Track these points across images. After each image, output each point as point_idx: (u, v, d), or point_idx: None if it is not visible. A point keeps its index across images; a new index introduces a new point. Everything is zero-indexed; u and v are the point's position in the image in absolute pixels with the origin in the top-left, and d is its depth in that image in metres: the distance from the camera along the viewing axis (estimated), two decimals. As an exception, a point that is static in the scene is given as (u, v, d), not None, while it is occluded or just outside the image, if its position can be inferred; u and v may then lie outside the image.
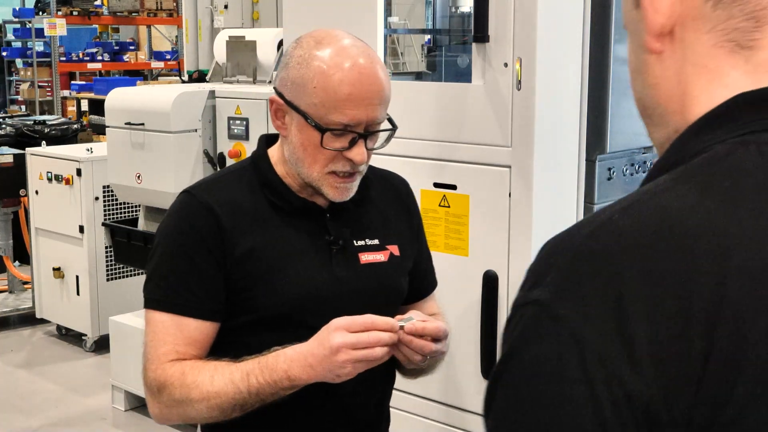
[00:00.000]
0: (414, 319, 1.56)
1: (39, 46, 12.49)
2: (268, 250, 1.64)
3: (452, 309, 2.51)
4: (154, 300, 1.64)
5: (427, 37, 3.64)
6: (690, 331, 0.67)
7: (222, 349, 1.64)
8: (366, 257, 1.71)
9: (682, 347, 0.67)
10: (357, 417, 1.73)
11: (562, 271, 0.72)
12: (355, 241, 1.71)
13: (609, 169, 2.59)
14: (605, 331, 0.68)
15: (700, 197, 0.72)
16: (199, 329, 1.62)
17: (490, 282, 2.43)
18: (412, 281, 1.82)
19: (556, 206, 2.43)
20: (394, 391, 2.62)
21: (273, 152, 1.72)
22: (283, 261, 1.65)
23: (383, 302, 1.72)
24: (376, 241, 1.73)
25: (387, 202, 1.80)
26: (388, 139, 1.69)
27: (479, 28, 2.35)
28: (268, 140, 1.75)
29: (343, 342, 1.48)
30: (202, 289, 1.61)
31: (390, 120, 1.66)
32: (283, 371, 1.52)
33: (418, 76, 3.23)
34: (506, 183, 2.38)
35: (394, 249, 1.75)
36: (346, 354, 1.48)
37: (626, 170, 2.65)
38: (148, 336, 1.64)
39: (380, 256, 1.73)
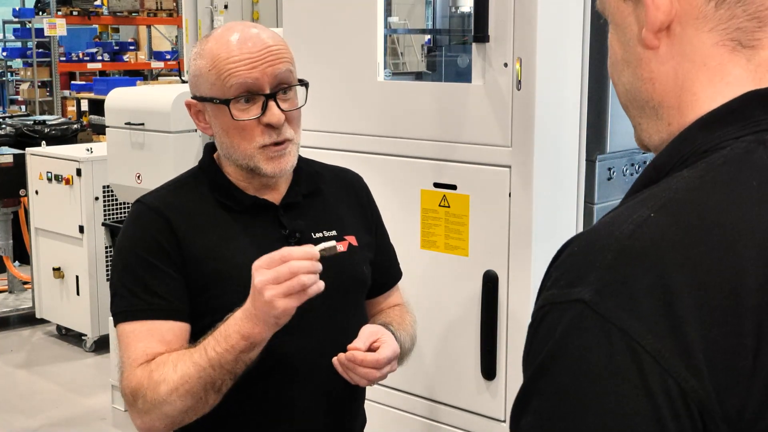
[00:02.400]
0: (334, 242, 1.54)
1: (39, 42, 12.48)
2: (224, 249, 1.65)
3: (452, 309, 2.51)
4: (122, 312, 1.63)
5: (427, 37, 3.63)
6: (740, 328, 0.68)
7: None
8: None
9: (733, 344, 0.68)
10: (329, 421, 1.73)
11: (606, 270, 0.71)
12: (312, 234, 1.72)
13: (609, 169, 2.59)
14: (657, 329, 0.68)
15: (733, 197, 0.73)
16: (171, 330, 1.61)
17: (490, 282, 2.43)
18: (375, 275, 1.83)
19: (556, 206, 2.43)
20: (393, 392, 2.62)
21: (219, 157, 1.75)
22: (240, 258, 1.64)
23: (345, 291, 1.73)
24: (333, 233, 1.75)
25: (339, 196, 1.82)
26: (305, 98, 1.71)
27: (479, 28, 2.35)
28: (213, 147, 1.77)
29: (264, 279, 1.46)
30: (168, 291, 1.61)
31: (300, 80, 1.69)
32: (236, 332, 1.50)
33: (418, 76, 3.23)
34: (506, 183, 2.37)
35: (352, 239, 1.77)
36: (271, 290, 1.46)
37: (626, 170, 2.64)
38: (120, 350, 1.63)
39: (339, 247, 1.72)
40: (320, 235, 1.73)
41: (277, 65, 1.62)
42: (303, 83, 1.70)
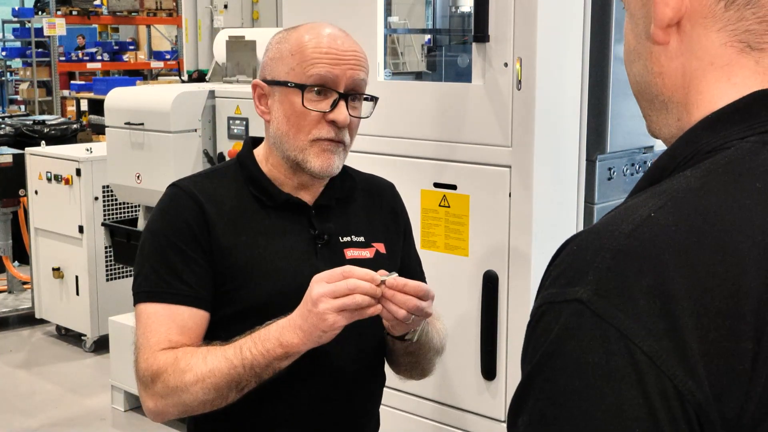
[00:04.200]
0: (396, 274, 1.54)
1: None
2: (252, 243, 1.66)
3: (452, 309, 2.51)
4: (145, 293, 1.64)
5: (427, 37, 3.64)
6: (739, 331, 0.68)
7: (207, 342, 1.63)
8: (352, 253, 1.72)
9: (732, 347, 0.67)
10: (341, 419, 1.72)
11: (604, 270, 0.70)
12: (340, 238, 1.72)
13: (609, 169, 2.59)
14: (655, 330, 0.68)
15: (735, 198, 0.72)
16: (192, 318, 1.61)
17: (490, 282, 2.43)
18: None
19: (556, 206, 2.43)
20: (393, 392, 2.62)
21: (258, 152, 1.75)
22: (267, 254, 1.65)
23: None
24: (361, 239, 1.75)
25: (372, 203, 1.82)
26: (372, 109, 1.73)
27: (479, 28, 2.35)
28: (254, 142, 1.78)
29: (322, 292, 1.47)
30: (193, 278, 1.62)
31: (371, 95, 1.71)
32: (275, 338, 1.51)
33: (418, 76, 3.23)
34: (506, 183, 2.37)
35: (380, 247, 1.76)
36: (326, 303, 1.46)
37: (626, 170, 2.64)
38: (139, 330, 1.64)
39: (366, 253, 1.74)
40: (348, 239, 1.73)
41: (358, 71, 1.65)
42: (374, 98, 1.71)
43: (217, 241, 1.63)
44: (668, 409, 0.67)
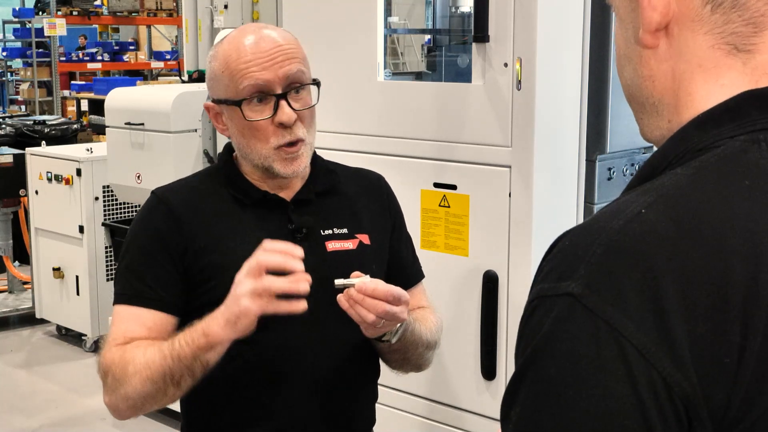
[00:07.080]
0: (368, 278, 1.54)
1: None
2: (230, 241, 1.67)
3: (452, 309, 2.51)
4: (116, 295, 1.68)
5: (427, 37, 3.64)
6: (726, 326, 0.69)
7: None
8: (333, 245, 1.72)
9: (719, 340, 0.69)
10: (333, 416, 1.72)
11: (594, 265, 0.72)
12: (321, 231, 1.73)
13: (609, 169, 2.59)
14: (644, 324, 0.69)
15: (724, 195, 0.73)
16: (152, 319, 1.63)
17: (490, 282, 2.43)
18: (395, 272, 1.81)
19: (556, 206, 2.43)
20: (394, 392, 2.62)
21: (237, 157, 1.77)
22: (245, 251, 1.64)
23: None
24: (344, 230, 1.75)
25: (357, 195, 1.82)
26: (317, 96, 1.71)
27: (479, 28, 2.35)
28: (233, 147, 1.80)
29: (241, 272, 1.49)
30: (158, 282, 1.64)
31: (312, 80, 1.70)
32: (200, 328, 1.51)
33: (418, 76, 3.23)
34: (506, 183, 2.38)
35: (364, 238, 1.76)
36: (242, 287, 1.47)
37: (626, 170, 2.65)
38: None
39: (348, 244, 1.74)
40: (330, 232, 1.73)
41: (289, 65, 1.64)
42: (315, 82, 1.71)
43: (192, 244, 1.65)
44: (656, 400, 0.68)
